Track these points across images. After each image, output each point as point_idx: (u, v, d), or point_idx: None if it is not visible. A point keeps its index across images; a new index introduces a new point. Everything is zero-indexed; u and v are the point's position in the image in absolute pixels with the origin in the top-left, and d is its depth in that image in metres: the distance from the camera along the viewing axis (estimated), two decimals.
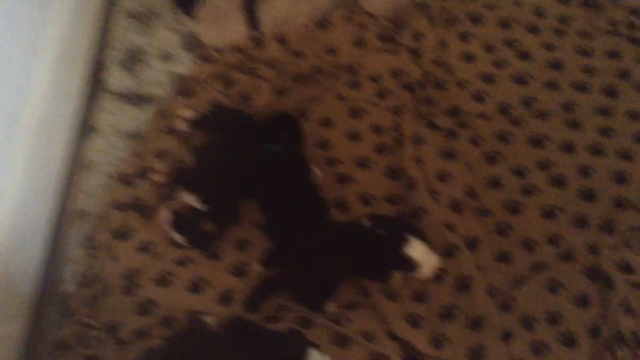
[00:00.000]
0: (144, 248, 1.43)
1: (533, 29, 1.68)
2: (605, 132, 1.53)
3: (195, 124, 1.53)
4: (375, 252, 1.28)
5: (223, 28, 1.64)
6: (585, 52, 1.64)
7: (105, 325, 1.34)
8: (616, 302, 1.32)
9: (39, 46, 1.39)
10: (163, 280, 1.39)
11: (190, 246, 1.42)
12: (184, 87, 1.62)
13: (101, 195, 1.50)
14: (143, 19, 1.73)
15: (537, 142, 1.53)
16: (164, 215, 1.42)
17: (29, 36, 1.34)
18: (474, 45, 1.67)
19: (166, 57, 1.68)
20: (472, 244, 1.41)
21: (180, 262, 1.41)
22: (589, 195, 1.46)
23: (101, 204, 1.48)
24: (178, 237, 1.42)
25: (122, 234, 1.44)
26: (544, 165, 1.50)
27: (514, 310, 1.34)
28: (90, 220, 1.47)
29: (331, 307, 1.33)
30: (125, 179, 1.51)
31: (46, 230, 1.42)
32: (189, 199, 1.42)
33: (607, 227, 1.42)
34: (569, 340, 1.31)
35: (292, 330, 1.28)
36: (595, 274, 1.37)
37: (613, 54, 1.63)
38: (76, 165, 1.54)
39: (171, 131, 1.56)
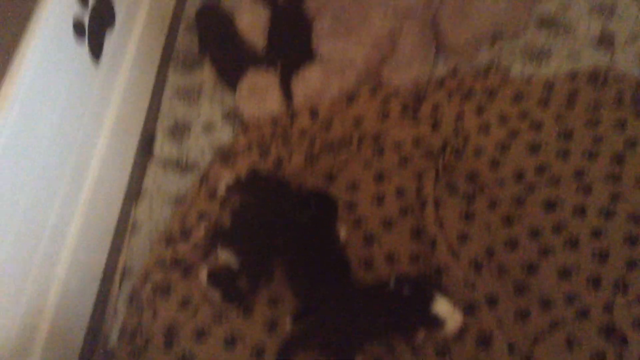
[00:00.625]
0: (183, 304, 1.54)
1: (544, 102, 1.82)
2: (615, 197, 1.63)
3: (234, 187, 1.67)
4: (402, 313, 1.38)
5: (261, 101, 1.81)
6: (593, 123, 1.77)
7: None
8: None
9: (102, 121, 1.56)
10: (200, 336, 1.50)
11: (224, 302, 1.53)
12: (224, 155, 1.78)
13: (146, 254, 1.63)
14: (189, 93, 1.92)
15: (551, 206, 1.63)
16: (202, 273, 1.54)
17: (95, 114, 1.51)
18: (489, 117, 1.81)
19: (209, 127, 1.86)
20: (491, 301, 1.50)
21: (216, 318, 1.52)
22: (602, 256, 1.55)
23: (145, 262, 1.61)
24: (213, 294, 1.53)
25: (163, 291, 1.56)
26: (558, 228, 1.60)
27: None
28: (134, 278, 1.60)
29: None
30: (168, 239, 1.64)
31: (96, 288, 1.54)
32: (226, 257, 1.55)
33: (621, 287, 1.50)
34: None
35: None
36: (610, 332, 1.44)
37: (619, 125, 1.75)
38: (125, 226, 1.68)
39: (212, 195, 1.71)
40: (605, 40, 1.93)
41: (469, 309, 1.47)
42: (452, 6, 1.90)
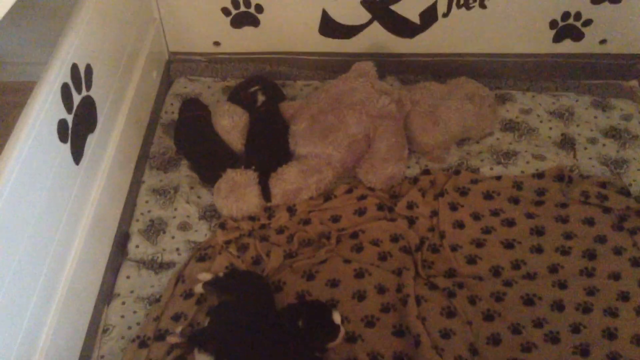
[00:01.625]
0: None
1: (514, 200, 1.89)
2: (590, 291, 1.66)
3: (211, 285, 1.64)
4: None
5: (239, 200, 1.82)
6: (563, 220, 1.83)
7: None
8: None
9: (79, 221, 1.54)
10: None
11: None
12: (201, 253, 1.76)
13: (119, 358, 1.56)
14: (165, 193, 1.92)
15: (529, 301, 1.65)
16: None
17: (73, 214, 1.50)
18: (463, 214, 1.86)
19: (185, 226, 1.85)
20: None
21: None
22: (583, 351, 1.55)
23: None
24: None
25: None
26: (538, 323, 1.60)
27: None
28: None
29: None
30: (142, 342, 1.57)
31: None
32: (203, 359, 1.48)
33: None
34: None
35: None
36: None
37: (588, 221, 1.82)
38: (97, 329, 1.61)
39: (188, 295, 1.67)
40: (567, 143, 2.05)
41: None
42: (422, 111, 2.01)
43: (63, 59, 1.42)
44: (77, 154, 1.51)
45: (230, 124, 1.99)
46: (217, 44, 2.26)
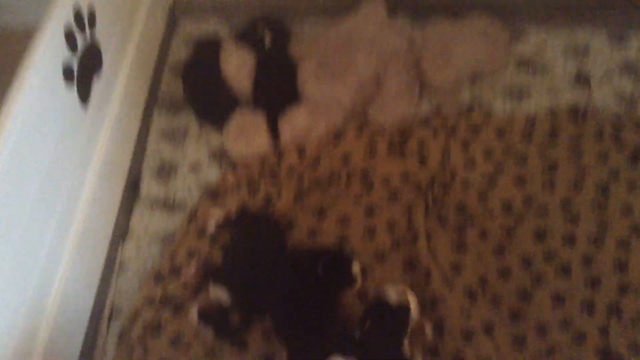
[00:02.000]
0: (175, 342, 1.50)
1: (527, 137, 1.87)
2: (602, 225, 1.66)
3: (224, 225, 1.66)
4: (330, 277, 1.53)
5: (248, 141, 1.82)
6: (576, 155, 1.81)
7: None
8: None
9: (89, 164, 1.56)
10: None
11: (217, 339, 1.49)
12: (212, 194, 1.77)
13: (134, 294, 1.59)
14: (175, 136, 1.93)
15: (540, 235, 1.65)
16: (192, 312, 1.50)
17: (83, 157, 1.52)
18: (475, 152, 1.84)
19: (195, 167, 1.86)
20: (488, 329, 1.48)
21: (209, 354, 1.48)
22: (594, 282, 1.56)
23: (134, 301, 1.57)
24: (205, 331, 1.49)
25: (153, 329, 1.52)
26: (549, 256, 1.61)
27: None
28: (123, 317, 1.55)
29: None
30: (157, 277, 1.61)
31: (84, 327, 1.49)
32: (217, 294, 1.51)
33: (615, 311, 1.50)
34: None
35: None
36: (607, 355, 1.43)
37: (602, 156, 1.80)
38: (112, 266, 1.64)
39: (201, 233, 1.69)
40: (582, 79, 2.01)
41: (466, 337, 1.45)
42: (434, 48, 1.97)
43: (65, 2, 1.40)
44: (84, 97, 1.51)
45: (238, 64, 1.97)
46: None
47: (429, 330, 1.46)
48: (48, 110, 1.33)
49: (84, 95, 1.51)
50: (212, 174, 1.85)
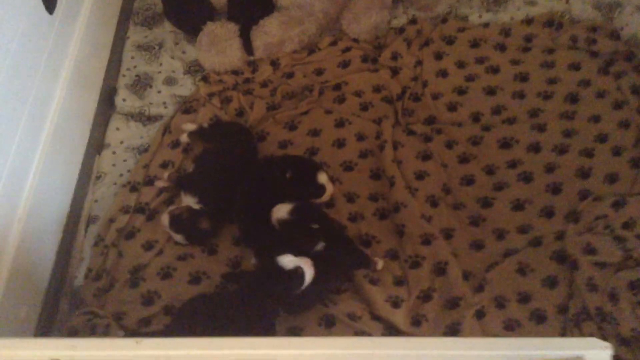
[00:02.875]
0: (149, 246, 1.57)
1: (501, 47, 1.86)
2: (568, 133, 1.68)
3: (196, 134, 1.69)
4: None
5: (221, 54, 1.83)
6: (548, 65, 1.81)
7: (112, 315, 1.47)
8: (582, 282, 1.43)
9: (59, 72, 1.58)
10: (166, 274, 1.52)
11: (188, 243, 1.56)
12: (186, 106, 1.80)
13: (110, 202, 1.65)
14: (150, 49, 1.93)
15: (506, 144, 1.67)
16: (163, 217, 1.56)
17: (52, 64, 1.53)
18: (448, 62, 1.84)
19: (170, 81, 1.87)
20: (448, 234, 1.54)
21: (181, 258, 1.55)
22: (555, 189, 1.59)
23: (111, 208, 1.63)
24: (177, 236, 1.55)
25: (128, 234, 1.58)
26: (513, 164, 1.64)
27: (487, 291, 1.45)
28: (99, 223, 1.62)
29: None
30: (132, 187, 1.66)
31: (59, 232, 1.56)
32: (188, 200, 1.57)
33: (573, 217, 1.54)
34: (539, 318, 1.41)
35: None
36: (562, 257, 1.48)
37: (574, 66, 1.80)
38: (89, 176, 1.69)
39: (174, 145, 1.73)
40: None
41: (425, 241, 1.51)
42: None
43: None
44: (50, 3, 1.50)
45: None
46: None
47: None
48: (10, 12, 1.33)
49: (50, 2, 1.51)
50: (186, 87, 1.86)
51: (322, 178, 1.58)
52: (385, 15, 1.88)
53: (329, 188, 1.59)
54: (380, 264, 1.47)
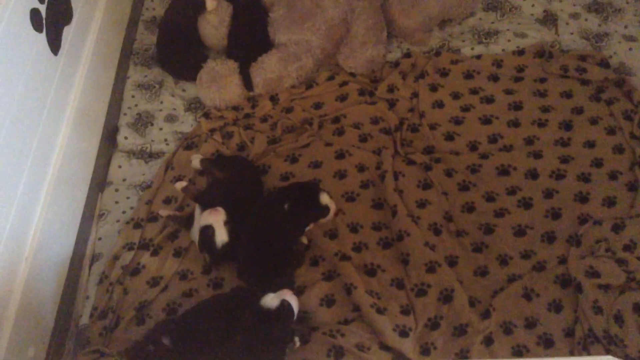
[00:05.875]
0: (154, 282, 1.56)
1: (494, 78, 1.91)
2: (565, 159, 1.71)
3: (208, 161, 1.72)
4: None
5: (222, 90, 1.86)
6: (541, 94, 1.85)
7: (119, 353, 1.45)
8: (587, 305, 1.44)
9: (63, 112, 1.60)
10: (172, 310, 1.52)
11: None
12: (188, 142, 1.82)
13: (114, 240, 1.66)
14: (150, 88, 1.97)
15: (504, 171, 1.70)
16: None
17: (56, 105, 1.56)
18: (443, 94, 1.89)
19: (171, 118, 1.90)
20: (452, 261, 1.55)
21: (186, 294, 1.55)
22: (555, 214, 1.62)
23: (115, 245, 1.63)
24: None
25: (133, 271, 1.58)
26: (512, 191, 1.67)
27: (494, 317, 1.45)
28: (104, 261, 1.62)
29: None
30: (136, 223, 1.67)
31: (64, 271, 1.56)
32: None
33: (574, 241, 1.56)
34: (547, 342, 1.42)
35: None
36: (566, 281, 1.50)
37: (566, 94, 1.85)
38: (92, 214, 1.70)
39: (177, 180, 1.74)
40: (549, 19, 2.04)
41: (430, 269, 1.52)
42: None
43: None
44: (55, 45, 1.54)
45: (217, 20, 1.99)
46: None
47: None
48: (16, 53, 1.36)
49: (55, 43, 1.54)
50: (187, 124, 1.89)
51: (325, 199, 1.61)
52: (381, 49, 1.93)
53: (333, 207, 1.61)
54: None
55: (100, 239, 1.67)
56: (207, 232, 1.50)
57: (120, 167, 1.80)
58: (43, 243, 1.45)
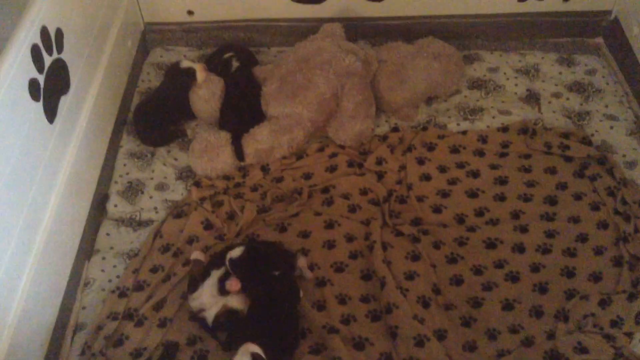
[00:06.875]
0: (137, 354, 1.53)
1: (479, 153, 1.96)
2: (550, 234, 1.74)
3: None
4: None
5: (214, 160, 1.89)
6: (526, 170, 1.90)
7: None
8: None
9: (55, 180, 1.61)
10: None
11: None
12: (177, 210, 1.83)
13: (98, 309, 1.63)
14: (142, 157, 1.99)
15: (491, 244, 1.72)
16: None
17: (49, 172, 1.57)
18: (430, 167, 1.93)
19: (162, 186, 1.91)
20: (441, 335, 1.54)
21: None
22: (542, 289, 1.63)
23: (99, 315, 1.61)
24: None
25: (117, 342, 1.55)
26: (499, 264, 1.68)
27: None
28: (87, 331, 1.59)
29: None
30: (121, 292, 1.65)
31: (47, 341, 1.52)
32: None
33: (562, 316, 1.56)
34: None
35: None
36: (554, 357, 1.49)
37: (550, 170, 1.89)
38: (77, 283, 1.68)
39: (165, 250, 1.74)
40: (532, 97, 2.12)
41: (419, 343, 1.50)
42: (389, 70, 2.07)
43: (32, 20, 1.48)
44: (51, 113, 1.57)
45: (208, 94, 2.05)
46: (190, 13, 2.31)
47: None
48: (14, 121, 1.39)
49: (51, 112, 1.57)
50: (178, 193, 1.90)
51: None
52: (369, 123, 1.98)
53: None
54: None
55: (84, 307, 1.64)
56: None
57: (108, 235, 1.80)
58: (27, 311, 1.42)
